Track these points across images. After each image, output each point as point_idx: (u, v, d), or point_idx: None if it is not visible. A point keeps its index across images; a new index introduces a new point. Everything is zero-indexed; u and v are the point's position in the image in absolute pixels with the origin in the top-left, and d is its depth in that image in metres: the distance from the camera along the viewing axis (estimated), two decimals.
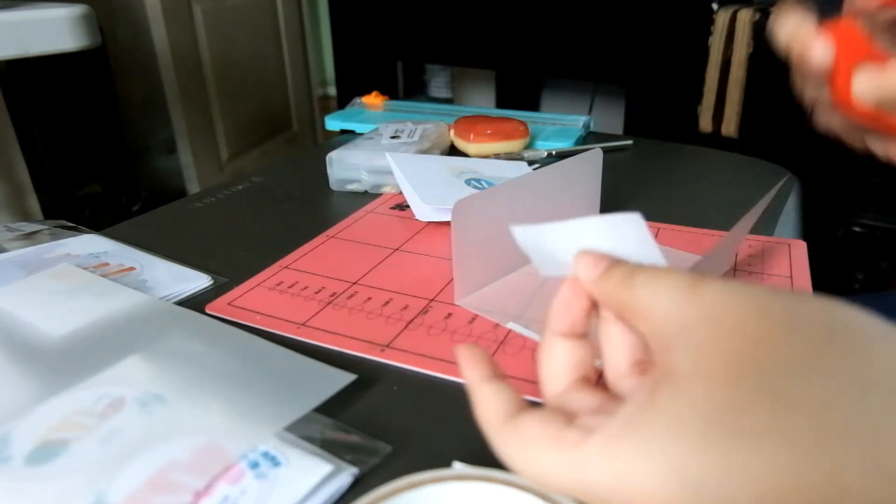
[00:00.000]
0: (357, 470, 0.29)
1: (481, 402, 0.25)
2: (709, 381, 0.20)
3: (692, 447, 0.19)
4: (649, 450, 0.20)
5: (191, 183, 1.84)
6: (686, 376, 0.20)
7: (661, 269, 0.23)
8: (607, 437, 0.21)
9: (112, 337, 0.38)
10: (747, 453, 0.18)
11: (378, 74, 1.75)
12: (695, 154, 0.78)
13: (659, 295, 0.22)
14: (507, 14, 1.44)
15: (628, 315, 0.24)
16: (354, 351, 0.38)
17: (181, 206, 0.63)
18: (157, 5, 1.65)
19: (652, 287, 0.23)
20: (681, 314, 0.21)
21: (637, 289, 0.23)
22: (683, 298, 0.22)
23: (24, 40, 0.81)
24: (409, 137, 0.70)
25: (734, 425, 0.19)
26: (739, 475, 0.18)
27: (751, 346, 0.20)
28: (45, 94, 1.49)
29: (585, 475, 0.21)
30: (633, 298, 0.23)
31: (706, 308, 0.21)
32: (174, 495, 0.27)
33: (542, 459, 0.22)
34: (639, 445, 0.20)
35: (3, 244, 0.52)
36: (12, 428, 0.31)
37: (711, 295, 0.21)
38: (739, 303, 0.21)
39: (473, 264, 0.43)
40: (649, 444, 0.20)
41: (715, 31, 1.16)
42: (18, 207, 1.22)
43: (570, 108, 1.83)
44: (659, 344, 0.22)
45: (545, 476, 0.22)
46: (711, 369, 0.20)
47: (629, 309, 0.23)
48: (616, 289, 0.24)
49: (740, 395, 0.19)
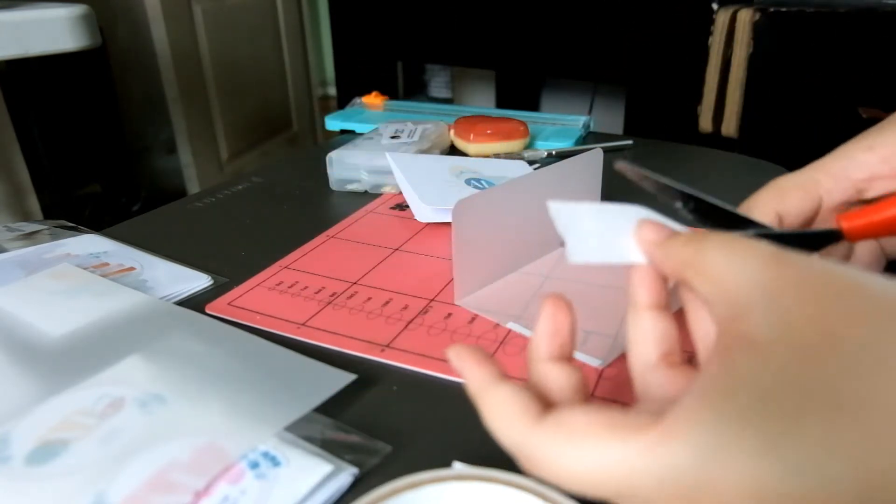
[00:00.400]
0: (357, 470, 0.29)
1: (499, 404, 0.22)
2: (799, 349, 0.18)
3: (786, 421, 0.17)
4: (739, 426, 0.17)
5: (191, 183, 1.84)
6: (770, 344, 0.18)
7: (736, 236, 0.21)
8: (683, 414, 0.18)
9: (112, 337, 0.38)
10: (852, 424, 0.16)
11: (378, 74, 1.75)
12: (695, 154, 0.78)
13: (734, 260, 0.20)
14: (507, 14, 1.44)
15: (693, 275, 0.22)
16: (354, 351, 0.38)
17: (181, 206, 0.63)
18: (157, 5, 1.65)
19: (726, 251, 0.21)
20: (760, 279, 0.19)
21: (707, 252, 0.21)
22: (767, 266, 0.20)
23: (24, 40, 0.81)
24: (409, 137, 0.70)
25: (830, 398, 0.16)
26: (842, 452, 0.16)
27: (847, 318, 0.18)
28: (45, 94, 1.49)
29: (661, 461, 0.18)
30: (700, 258, 0.21)
31: (792, 276, 0.19)
32: (174, 495, 0.27)
33: (601, 452, 0.19)
34: (724, 420, 0.17)
35: (3, 244, 0.52)
36: (12, 428, 0.31)
37: (797, 264, 0.19)
38: (833, 274, 0.19)
39: (473, 264, 0.43)
40: (735, 420, 0.17)
41: (715, 31, 1.16)
42: (18, 207, 1.22)
43: (570, 108, 1.83)
44: (729, 310, 0.20)
45: (604, 471, 0.19)
46: (801, 336, 0.18)
47: (694, 268, 0.22)
48: (683, 249, 0.22)
49: (838, 365, 0.17)
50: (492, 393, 0.22)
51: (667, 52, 1.28)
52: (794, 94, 1.12)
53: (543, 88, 1.90)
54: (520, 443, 0.21)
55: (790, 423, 0.17)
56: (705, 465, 0.17)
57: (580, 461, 0.19)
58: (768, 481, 0.16)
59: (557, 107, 1.87)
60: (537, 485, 0.24)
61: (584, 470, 0.19)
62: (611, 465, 0.19)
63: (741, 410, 0.17)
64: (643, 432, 0.19)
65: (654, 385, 0.24)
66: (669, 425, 0.18)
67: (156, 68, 1.71)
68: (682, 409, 0.18)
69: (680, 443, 0.18)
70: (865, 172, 0.34)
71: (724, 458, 0.17)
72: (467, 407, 0.25)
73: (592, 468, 0.19)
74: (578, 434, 0.20)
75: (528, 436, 0.21)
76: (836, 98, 1.07)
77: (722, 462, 0.17)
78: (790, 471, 0.16)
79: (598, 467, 0.19)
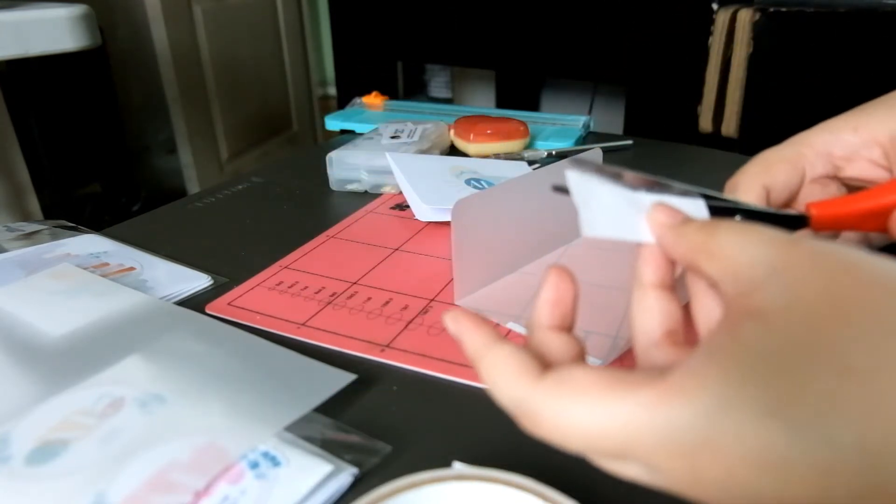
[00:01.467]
0: (357, 470, 0.29)
1: (498, 363, 0.21)
2: (807, 315, 0.17)
3: (791, 384, 0.16)
4: (743, 387, 0.17)
5: (191, 183, 1.84)
6: (778, 312, 0.18)
7: (749, 223, 0.21)
8: (689, 373, 0.18)
9: (112, 337, 0.38)
10: (859, 389, 0.16)
11: (378, 74, 1.75)
12: (695, 154, 0.78)
13: (746, 241, 0.20)
14: (507, 14, 1.44)
15: (703, 258, 0.22)
16: (354, 351, 0.38)
17: (181, 206, 0.63)
18: (157, 5, 1.65)
19: (739, 234, 0.21)
20: (773, 257, 0.19)
21: (719, 236, 0.21)
22: (779, 246, 0.20)
23: (24, 40, 0.81)
24: (409, 137, 0.70)
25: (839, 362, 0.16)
26: (846, 416, 0.16)
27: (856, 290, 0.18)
28: (45, 94, 1.49)
29: (667, 415, 0.17)
30: (712, 241, 0.21)
31: (805, 253, 0.19)
32: (174, 495, 0.27)
33: (602, 408, 0.19)
34: (729, 381, 0.17)
35: (3, 244, 0.52)
36: (12, 428, 0.31)
37: (810, 245, 0.19)
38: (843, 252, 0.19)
39: (473, 264, 0.43)
40: (743, 381, 0.17)
41: (715, 31, 1.16)
42: (18, 207, 1.22)
43: (570, 108, 1.83)
44: (739, 287, 0.20)
45: (605, 428, 0.19)
46: (810, 305, 0.18)
47: (706, 251, 0.21)
48: (696, 232, 0.22)
49: (846, 332, 0.17)
50: (492, 352, 0.22)
51: (667, 52, 1.28)
52: (794, 94, 1.12)
53: (543, 88, 1.90)
54: (520, 399, 0.21)
55: (795, 385, 0.16)
56: (707, 424, 0.17)
57: (581, 418, 0.19)
58: (771, 442, 0.16)
59: (557, 107, 1.87)
60: (537, 485, 0.24)
61: (585, 426, 0.19)
62: (611, 421, 0.19)
63: (746, 371, 0.17)
64: (645, 390, 0.18)
65: (657, 362, 0.23)
66: (672, 384, 0.18)
67: (156, 68, 1.71)
68: (687, 368, 0.18)
69: (683, 401, 0.18)
70: (846, 151, 0.34)
71: (726, 418, 0.17)
72: (467, 407, 0.25)
73: (593, 425, 0.19)
74: (579, 391, 0.19)
75: (529, 392, 0.20)
76: (836, 98, 1.07)
77: (724, 422, 0.17)
78: (793, 432, 0.16)
79: (599, 424, 0.19)
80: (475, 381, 0.35)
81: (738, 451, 0.17)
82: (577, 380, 0.20)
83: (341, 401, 0.33)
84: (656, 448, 0.18)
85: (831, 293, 0.18)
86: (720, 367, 0.18)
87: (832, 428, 0.16)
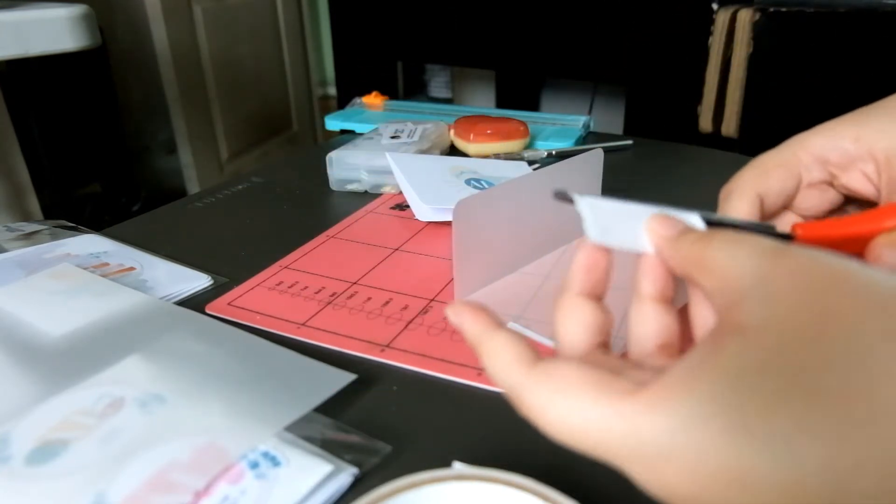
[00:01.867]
0: (357, 470, 0.29)
1: (497, 350, 0.22)
2: (786, 333, 0.18)
3: (764, 404, 0.17)
4: (714, 404, 0.17)
5: (191, 183, 1.84)
6: (756, 329, 0.18)
7: (742, 234, 0.22)
8: (666, 386, 0.18)
9: (112, 337, 0.38)
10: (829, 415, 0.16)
11: (378, 74, 1.75)
12: (695, 154, 0.78)
13: (737, 253, 0.21)
14: (507, 14, 1.44)
15: (697, 271, 0.22)
16: (354, 351, 0.38)
17: (181, 206, 0.63)
18: (157, 5, 1.65)
19: (731, 246, 0.21)
20: (758, 269, 0.20)
21: (713, 248, 0.21)
22: (765, 257, 0.20)
23: (24, 40, 0.81)
24: (409, 137, 0.70)
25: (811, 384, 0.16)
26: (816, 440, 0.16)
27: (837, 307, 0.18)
28: (45, 94, 1.49)
29: (638, 427, 0.18)
30: (707, 253, 0.22)
31: (789, 266, 0.19)
32: (174, 495, 0.27)
33: (586, 408, 0.19)
34: (702, 398, 0.18)
35: (3, 244, 0.52)
36: (12, 428, 0.31)
37: (798, 256, 0.19)
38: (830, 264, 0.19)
39: (473, 264, 0.43)
40: (714, 398, 0.17)
41: (715, 31, 1.16)
42: (18, 207, 1.22)
43: (570, 108, 1.83)
44: (726, 299, 0.20)
45: (587, 427, 0.19)
46: (789, 323, 0.18)
47: (699, 264, 0.22)
48: (691, 245, 0.22)
49: (822, 353, 0.17)
50: (491, 338, 0.23)
51: (667, 52, 1.28)
52: (794, 94, 1.12)
53: (543, 88, 1.90)
54: (513, 386, 0.22)
55: (767, 406, 0.17)
56: (671, 438, 0.18)
57: (562, 414, 0.20)
58: (736, 458, 0.17)
59: (557, 107, 1.87)
60: (537, 485, 0.24)
61: (566, 423, 0.20)
62: (589, 423, 0.19)
63: (719, 390, 0.18)
64: (624, 398, 0.19)
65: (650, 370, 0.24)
66: (648, 396, 0.19)
67: (156, 68, 1.71)
68: (664, 381, 0.19)
69: (653, 414, 0.18)
70: (843, 160, 0.33)
71: (691, 433, 0.17)
72: (467, 407, 0.25)
73: (573, 423, 0.20)
74: (563, 386, 0.20)
75: (522, 380, 0.21)
76: (836, 98, 1.07)
77: (688, 437, 0.17)
78: (760, 451, 0.16)
79: (578, 423, 0.20)
80: (475, 381, 0.35)
81: (700, 465, 0.17)
82: (562, 375, 0.20)
83: (341, 401, 0.33)
84: (628, 456, 0.19)
85: (810, 310, 0.18)
86: (694, 382, 0.18)
87: (799, 450, 0.16)
